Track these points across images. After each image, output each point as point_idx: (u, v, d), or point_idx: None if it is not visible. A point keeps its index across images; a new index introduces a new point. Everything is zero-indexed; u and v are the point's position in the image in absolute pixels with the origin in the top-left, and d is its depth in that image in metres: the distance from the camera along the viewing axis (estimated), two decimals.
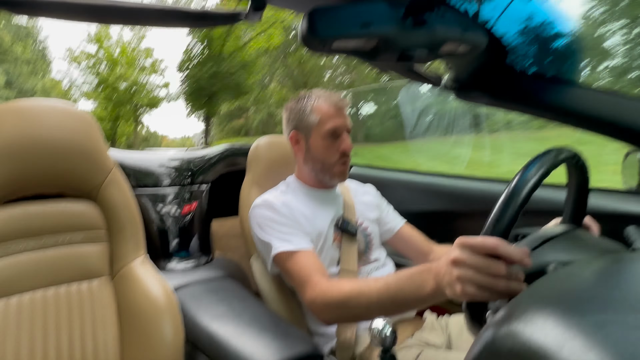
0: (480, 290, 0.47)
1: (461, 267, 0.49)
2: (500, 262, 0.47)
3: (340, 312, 0.73)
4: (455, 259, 0.50)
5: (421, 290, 0.59)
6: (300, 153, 0.99)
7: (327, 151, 0.93)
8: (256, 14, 0.46)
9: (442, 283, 0.54)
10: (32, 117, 0.78)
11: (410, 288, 0.61)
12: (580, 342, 0.23)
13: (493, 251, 0.47)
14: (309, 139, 0.96)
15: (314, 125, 0.94)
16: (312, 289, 0.77)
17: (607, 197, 0.94)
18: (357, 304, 0.69)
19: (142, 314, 0.77)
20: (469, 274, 0.48)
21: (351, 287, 0.71)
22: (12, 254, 0.74)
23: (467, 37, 0.49)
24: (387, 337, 0.58)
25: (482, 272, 0.47)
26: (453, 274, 0.50)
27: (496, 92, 0.71)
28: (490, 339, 0.29)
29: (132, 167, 1.16)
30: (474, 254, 0.48)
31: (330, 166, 0.94)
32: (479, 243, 0.48)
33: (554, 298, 0.30)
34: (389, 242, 1.10)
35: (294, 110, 0.99)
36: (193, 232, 1.18)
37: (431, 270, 0.58)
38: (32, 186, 0.79)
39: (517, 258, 0.46)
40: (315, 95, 0.97)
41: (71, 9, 0.43)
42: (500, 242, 0.47)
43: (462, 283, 0.49)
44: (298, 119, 0.97)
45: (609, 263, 0.34)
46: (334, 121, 0.93)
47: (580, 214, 0.66)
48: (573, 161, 0.58)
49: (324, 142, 0.93)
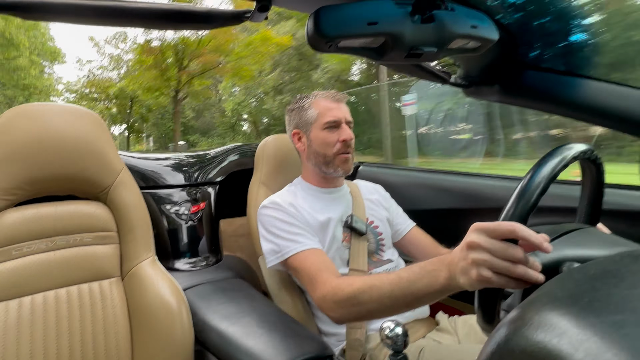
0: (496, 275, 0.45)
1: (477, 251, 0.47)
2: (518, 247, 0.45)
3: (352, 309, 0.70)
4: (470, 242, 0.48)
5: (434, 281, 0.56)
6: (303, 150, 1.01)
7: (328, 142, 0.95)
8: (261, 14, 0.45)
9: (456, 271, 0.51)
10: (43, 120, 0.79)
11: (423, 280, 0.58)
12: (596, 343, 0.23)
13: (511, 234, 0.45)
14: (309, 133, 0.98)
15: (313, 119, 0.97)
16: (322, 287, 0.76)
17: (623, 194, 0.92)
18: (369, 299, 0.66)
19: (152, 314, 0.78)
20: (485, 257, 0.46)
21: (363, 281, 0.69)
22: (25, 255, 0.76)
23: (477, 32, 0.47)
24: (398, 337, 0.57)
25: (499, 256, 0.45)
26: (468, 257, 0.48)
27: (507, 88, 0.69)
28: (503, 339, 0.29)
29: (141, 168, 1.16)
30: (490, 238, 0.46)
31: (332, 157, 0.95)
32: (495, 226, 0.46)
33: (569, 298, 0.29)
34: (397, 244, 1.09)
35: (294, 110, 1.02)
36: (202, 232, 1.18)
37: (444, 261, 0.55)
38: (43, 188, 0.80)
39: (537, 242, 0.44)
40: (313, 94, 1.01)
41: (76, 12, 0.43)
42: (518, 225, 0.45)
43: (477, 267, 0.47)
44: (298, 117, 1.00)
45: (625, 262, 0.32)
46: (333, 113, 0.95)
47: (595, 211, 0.64)
48: (588, 157, 0.56)
49: (323, 134, 0.95)
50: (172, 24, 0.48)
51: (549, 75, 0.65)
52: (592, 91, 0.63)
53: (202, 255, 1.16)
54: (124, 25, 0.46)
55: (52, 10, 0.41)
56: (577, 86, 0.64)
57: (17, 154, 0.76)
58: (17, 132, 0.77)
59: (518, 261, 0.44)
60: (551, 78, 0.65)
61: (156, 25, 0.47)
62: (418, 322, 0.94)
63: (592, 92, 0.63)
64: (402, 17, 0.43)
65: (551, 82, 0.65)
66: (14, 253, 0.75)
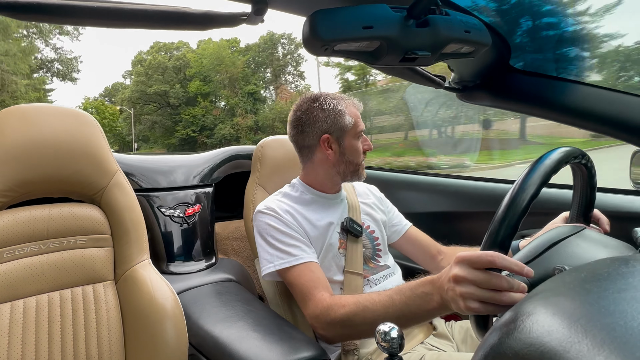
0: (483, 305, 0.48)
1: (462, 284, 0.50)
2: (502, 275, 0.47)
3: (344, 330, 0.73)
4: (455, 276, 0.51)
5: (427, 305, 0.60)
6: (330, 156, 0.94)
7: (359, 152, 0.96)
8: (257, 17, 0.46)
9: (447, 298, 0.55)
10: (36, 121, 0.79)
11: (416, 303, 0.62)
12: (587, 345, 0.23)
13: (490, 265, 0.47)
14: (343, 140, 0.94)
15: (349, 127, 0.93)
16: (315, 306, 0.77)
17: (614, 197, 0.93)
18: (362, 321, 0.69)
19: (146, 318, 0.77)
20: (471, 289, 0.49)
21: (355, 303, 0.71)
22: (17, 258, 0.75)
23: (471, 37, 0.48)
24: (393, 340, 0.57)
25: (484, 287, 0.48)
26: (455, 291, 0.51)
27: (500, 92, 0.70)
28: (496, 342, 0.29)
29: (136, 170, 1.16)
30: (474, 269, 0.49)
31: (359, 166, 0.96)
32: (475, 257, 0.48)
33: (560, 301, 0.29)
34: (395, 244, 1.09)
35: (325, 111, 0.93)
36: (196, 235, 1.18)
37: (435, 284, 0.58)
38: (36, 190, 0.80)
39: (517, 270, 0.46)
40: (339, 97, 0.96)
41: (74, 13, 0.43)
42: (497, 255, 0.47)
43: (464, 300, 0.49)
44: (331, 121, 0.92)
45: (616, 265, 0.33)
46: (362, 122, 0.96)
47: (587, 214, 0.65)
48: (578, 161, 0.57)
49: (356, 144, 0.95)
50: (169, 26, 0.48)
51: (541, 80, 0.66)
52: (582, 96, 0.64)
53: (197, 259, 1.15)
54: (121, 27, 0.46)
55: (51, 11, 0.41)
56: (568, 91, 0.65)
57: (9, 155, 0.75)
58: (9, 133, 0.76)
59: (503, 289, 0.47)
60: (543, 83, 0.66)
61: (153, 26, 0.48)
62: (416, 327, 0.94)
63: (582, 96, 0.64)
64: (397, 21, 0.44)
65: (543, 87, 0.66)
66: (6, 256, 0.74)
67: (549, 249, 0.53)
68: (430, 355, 0.81)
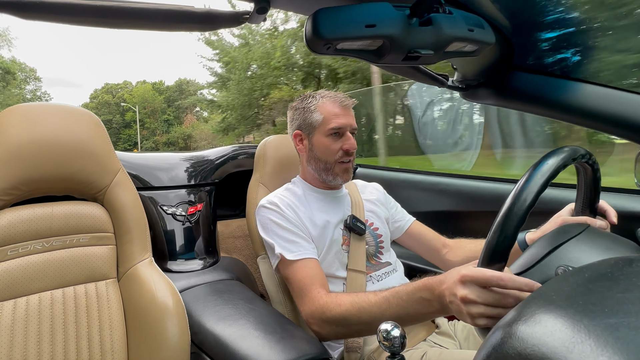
0: (493, 320, 0.48)
1: (472, 305, 0.50)
2: (510, 294, 0.48)
3: (339, 329, 0.73)
4: (464, 298, 0.51)
5: (425, 309, 0.61)
6: (303, 152, 0.99)
7: (329, 150, 0.93)
8: (259, 16, 0.46)
9: (448, 306, 0.55)
10: (40, 120, 0.79)
11: (413, 307, 0.62)
12: (590, 345, 0.23)
13: (499, 285, 0.48)
14: (312, 137, 0.95)
15: (317, 123, 0.93)
16: (311, 303, 0.77)
17: (619, 196, 0.92)
18: (358, 321, 0.69)
19: (149, 316, 0.77)
20: (481, 310, 0.49)
21: (351, 302, 0.71)
22: (21, 256, 0.75)
23: (474, 35, 0.48)
24: (395, 339, 0.57)
25: (494, 305, 0.48)
26: (463, 311, 0.51)
27: (504, 91, 0.70)
28: (498, 342, 0.29)
29: (138, 169, 1.16)
30: (482, 289, 0.49)
31: (331, 165, 0.94)
32: (483, 279, 0.49)
33: (563, 301, 0.29)
34: (399, 240, 1.09)
35: (298, 109, 0.98)
36: (199, 234, 1.18)
37: (434, 292, 0.59)
38: (40, 188, 0.80)
39: (526, 290, 0.47)
40: (320, 95, 0.97)
41: (75, 12, 0.43)
42: (507, 277, 0.47)
43: (473, 318, 0.50)
44: (302, 118, 0.96)
45: (619, 265, 0.33)
46: (338, 120, 0.92)
47: (593, 205, 0.64)
48: (581, 160, 0.56)
49: (326, 141, 0.93)
50: (171, 25, 0.48)
51: (545, 79, 0.66)
52: (588, 94, 0.64)
53: (199, 257, 1.15)
54: (123, 27, 0.46)
55: (52, 11, 0.41)
56: (573, 89, 0.65)
57: (13, 154, 0.75)
58: (13, 131, 0.76)
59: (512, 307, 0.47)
60: (547, 81, 0.65)
61: (155, 26, 0.47)
62: (418, 325, 0.94)
63: (587, 95, 0.64)
64: (400, 20, 0.44)
65: (547, 85, 0.65)
66: (10, 253, 0.74)
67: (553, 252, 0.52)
68: (432, 353, 0.81)
